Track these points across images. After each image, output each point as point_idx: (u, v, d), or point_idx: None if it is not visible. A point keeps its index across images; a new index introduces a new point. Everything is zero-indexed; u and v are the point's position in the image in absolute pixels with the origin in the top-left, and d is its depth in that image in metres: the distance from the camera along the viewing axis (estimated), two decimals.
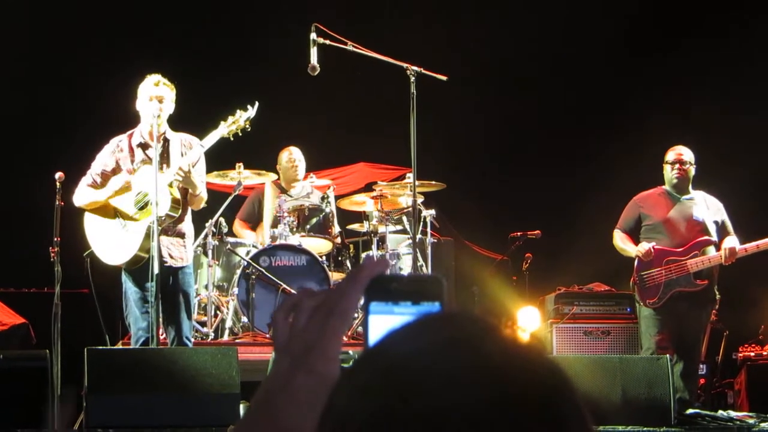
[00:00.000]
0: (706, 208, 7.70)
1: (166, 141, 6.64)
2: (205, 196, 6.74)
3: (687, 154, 7.74)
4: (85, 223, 6.74)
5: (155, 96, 6.57)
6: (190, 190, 6.63)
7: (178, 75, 6.89)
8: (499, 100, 10.86)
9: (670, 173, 7.73)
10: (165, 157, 6.60)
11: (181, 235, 6.73)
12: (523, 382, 0.89)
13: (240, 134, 6.75)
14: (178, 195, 6.55)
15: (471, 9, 10.83)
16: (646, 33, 10.93)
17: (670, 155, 7.77)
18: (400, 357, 0.91)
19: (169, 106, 6.64)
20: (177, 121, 6.80)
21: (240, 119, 6.73)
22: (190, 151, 6.65)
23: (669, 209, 7.71)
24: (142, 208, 6.53)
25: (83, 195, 6.69)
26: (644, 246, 7.58)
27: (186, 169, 6.45)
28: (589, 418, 0.92)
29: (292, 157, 8.89)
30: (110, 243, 6.63)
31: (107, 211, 6.67)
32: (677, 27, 10.82)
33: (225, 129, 6.70)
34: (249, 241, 8.47)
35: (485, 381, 0.88)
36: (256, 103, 6.81)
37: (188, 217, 6.82)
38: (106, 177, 6.68)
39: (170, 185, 6.51)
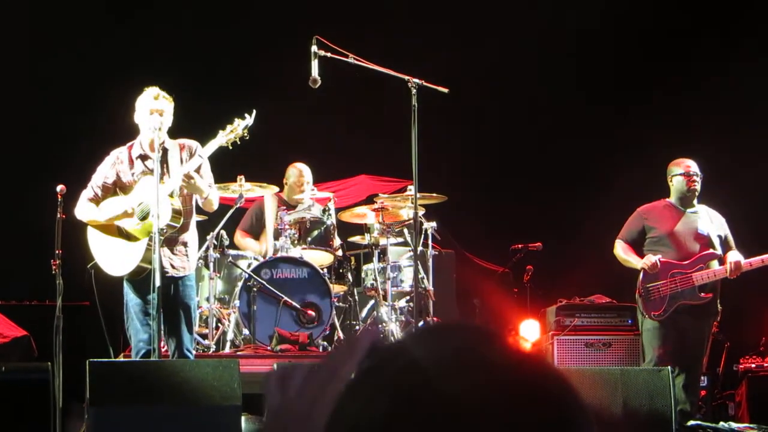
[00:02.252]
0: (710, 221, 7.69)
1: (164, 150, 6.61)
2: (214, 197, 6.72)
3: (695, 167, 7.73)
4: (88, 234, 6.73)
5: (155, 109, 6.57)
6: (196, 196, 6.65)
7: (178, 89, 6.89)
8: (500, 112, 10.87)
9: (683, 186, 7.68)
10: (164, 167, 6.57)
11: (184, 244, 6.73)
12: (529, 390, 0.90)
13: (238, 143, 6.74)
14: (178, 205, 6.54)
15: (474, 24, 10.83)
16: (650, 46, 10.96)
17: (681, 168, 7.74)
18: (408, 364, 0.92)
19: (169, 119, 6.64)
20: (176, 133, 6.80)
21: (238, 128, 6.71)
22: (190, 159, 6.65)
23: (675, 222, 7.68)
24: (143, 219, 6.54)
25: (84, 210, 6.70)
26: (650, 258, 7.55)
27: (190, 175, 6.46)
28: (594, 427, 0.92)
29: (302, 178, 8.87)
30: (113, 254, 6.62)
31: (110, 225, 6.68)
32: (681, 42, 10.84)
33: (223, 138, 6.69)
34: (250, 253, 8.48)
35: (492, 391, 0.89)
36: (254, 112, 6.80)
37: (192, 226, 6.81)
38: (107, 189, 6.68)
39: (171, 195, 6.52)
